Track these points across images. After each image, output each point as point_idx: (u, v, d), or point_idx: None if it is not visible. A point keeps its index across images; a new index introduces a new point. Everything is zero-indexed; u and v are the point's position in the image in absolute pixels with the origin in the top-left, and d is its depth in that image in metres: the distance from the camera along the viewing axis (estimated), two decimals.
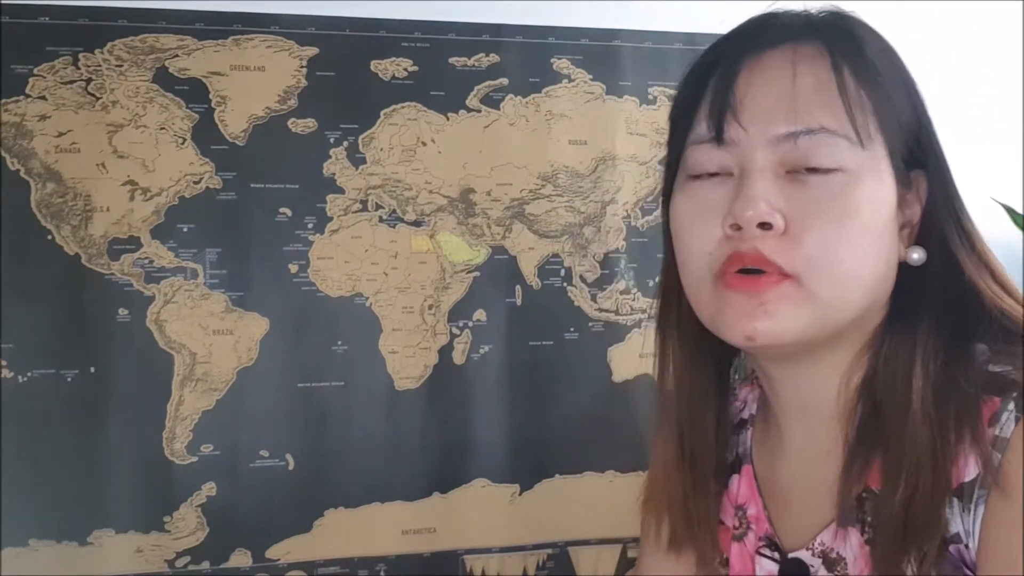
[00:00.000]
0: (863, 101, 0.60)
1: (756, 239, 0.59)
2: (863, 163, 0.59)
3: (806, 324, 0.59)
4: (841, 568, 0.64)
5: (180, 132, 1.19)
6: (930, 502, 0.57)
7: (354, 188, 1.23)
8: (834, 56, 0.60)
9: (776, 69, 0.61)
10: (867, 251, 0.59)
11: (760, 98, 0.60)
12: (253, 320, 1.20)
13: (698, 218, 0.63)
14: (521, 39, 1.28)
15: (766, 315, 0.59)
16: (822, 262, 0.58)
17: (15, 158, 1.15)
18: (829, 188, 0.59)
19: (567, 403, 1.28)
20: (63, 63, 1.16)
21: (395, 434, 1.23)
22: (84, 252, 1.16)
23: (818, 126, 0.59)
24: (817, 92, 0.59)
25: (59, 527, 1.14)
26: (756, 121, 0.60)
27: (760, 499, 0.72)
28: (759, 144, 0.60)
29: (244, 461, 1.19)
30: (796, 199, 0.59)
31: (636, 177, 1.31)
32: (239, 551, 1.19)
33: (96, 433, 1.15)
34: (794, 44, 0.61)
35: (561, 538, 1.28)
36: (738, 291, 0.60)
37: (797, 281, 0.58)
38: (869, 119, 0.60)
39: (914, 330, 0.61)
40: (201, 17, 1.20)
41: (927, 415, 0.58)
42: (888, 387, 0.61)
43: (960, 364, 0.59)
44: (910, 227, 0.63)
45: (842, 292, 0.59)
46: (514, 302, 1.27)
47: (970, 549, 0.57)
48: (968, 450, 0.57)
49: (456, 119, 1.26)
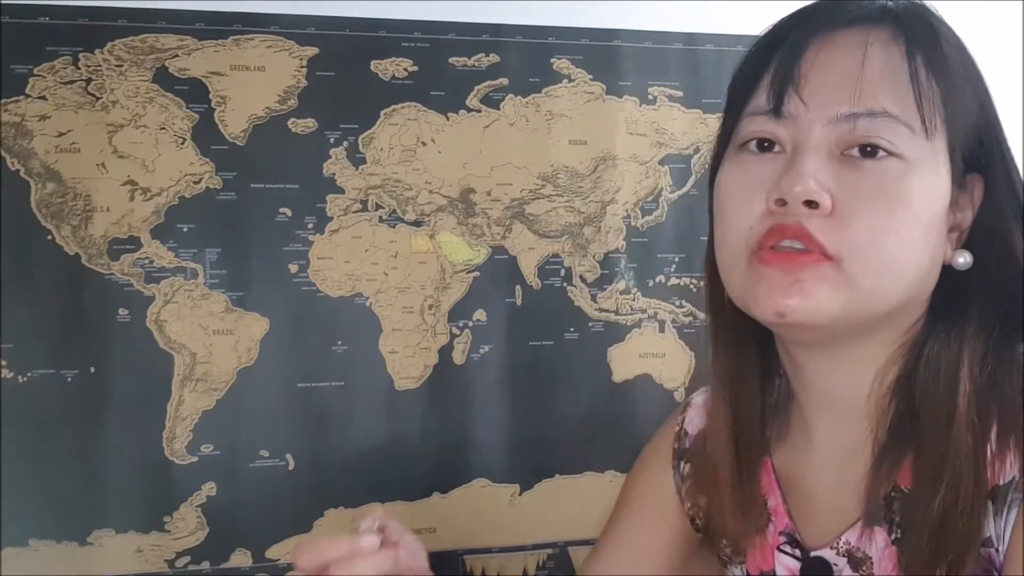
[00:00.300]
0: (933, 91, 0.58)
1: (801, 216, 0.57)
2: (923, 154, 0.58)
3: (840, 309, 0.58)
4: (867, 568, 0.63)
5: (180, 132, 1.19)
6: (970, 509, 0.56)
7: (354, 188, 1.23)
8: (909, 43, 0.59)
9: (846, 49, 0.59)
10: (914, 244, 0.58)
11: (826, 75, 0.59)
12: (253, 320, 1.20)
13: (743, 191, 0.61)
14: (521, 39, 1.28)
15: (800, 293, 0.57)
16: (867, 248, 0.57)
17: (15, 158, 1.15)
18: (883, 174, 0.57)
19: (567, 403, 1.28)
20: (63, 63, 1.16)
21: (395, 434, 1.23)
22: (84, 252, 1.16)
23: (881, 110, 0.58)
24: (886, 76, 0.58)
25: (59, 527, 1.14)
26: (817, 97, 0.59)
27: (779, 492, 0.71)
28: (817, 121, 0.59)
29: (244, 461, 1.19)
30: (848, 182, 0.58)
31: (636, 177, 1.31)
32: (239, 551, 1.19)
33: (96, 433, 1.15)
34: (868, 27, 0.60)
35: (561, 538, 1.28)
36: (774, 266, 0.58)
37: (838, 264, 0.57)
38: (936, 111, 0.58)
39: (961, 332, 0.60)
40: (201, 17, 1.19)
41: (971, 420, 0.57)
42: (930, 389, 0.60)
43: (1005, 367, 0.58)
44: (959, 231, 0.62)
45: (883, 282, 0.58)
46: (514, 302, 1.27)
47: (999, 553, 0.56)
48: (1005, 453, 0.56)
49: (456, 119, 1.26)
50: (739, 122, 0.64)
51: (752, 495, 0.71)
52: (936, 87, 0.59)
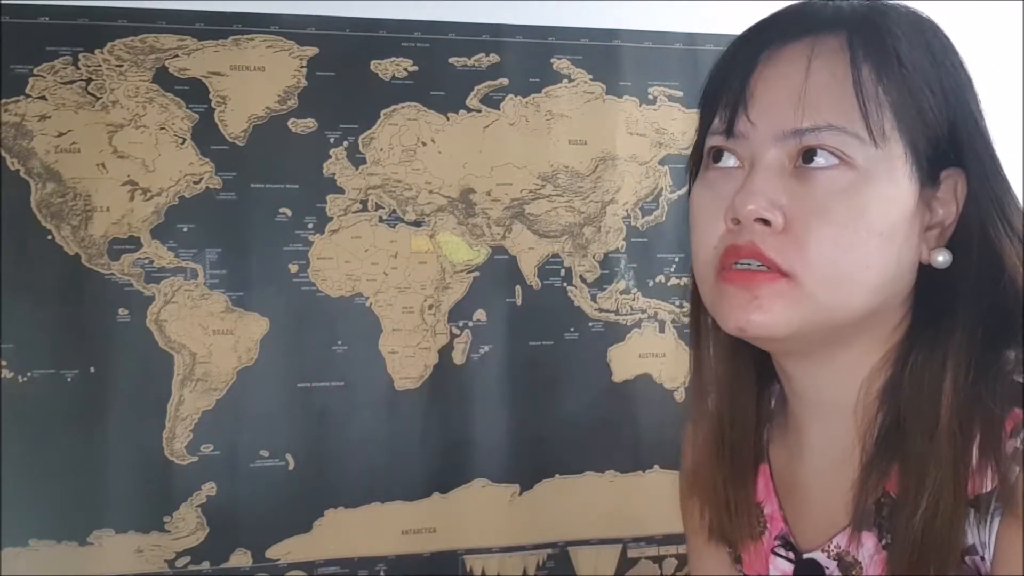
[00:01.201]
0: (880, 98, 0.58)
1: (755, 234, 0.58)
2: (875, 162, 0.57)
3: (799, 323, 0.58)
4: (857, 572, 0.63)
5: (180, 132, 1.19)
6: (950, 520, 0.56)
7: (354, 188, 1.23)
8: (854, 50, 0.58)
9: (791, 64, 0.59)
10: (871, 253, 0.58)
11: (772, 92, 0.59)
12: (253, 320, 1.20)
13: (708, 209, 0.62)
14: (521, 39, 1.28)
15: (759, 309, 0.58)
16: (821, 263, 0.57)
17: (15, 158, 1.15)
18: (834, 187, 0.57)
19: (567, 403, 1.28)
20: (63, 63, 1.16)
21: (395, 434, 1.23)
22: (84, 252, 1.16)
23: (825, 124, 0.57)
24: (830, 88, 0.58)
25: (59, 527, 1.14)
26: (765, 115, 0.59)
27: (776, 498, 0.71)
28: (766, 139, 0.59)
29: (244, 461, 1.19)
30: (800, 196, 0.58)
31: (636, 177, 1.31)
32: (239, 551, 1.19)
33: (96, 433, 1.15)
34: (815, 37, 0.60)
35: (561, 538, 1.28)
36: (734, 284, 0.59)
37: (794, 280, 0.58)
38: (886, 117, 0.58)
39: (946, 341, 0.59)
40: (201, 17, 1.20)
41: (952, 433, 0.57)
42: (914, 400, 0.60)
43: (988, 378, 0.58)
44: (940, 228, 0.61)
45: (840, 294, 0.58)
46: (514, 302, 1.27)
47: (985, 561, 0.56)
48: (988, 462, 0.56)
49: (456, 119, 1.26)
50: (705, 140, 0.65)
51: (746, 503, 0.72)
52: (886, 92, 0.58)
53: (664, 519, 1.25)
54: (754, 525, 0.72)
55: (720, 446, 0.71)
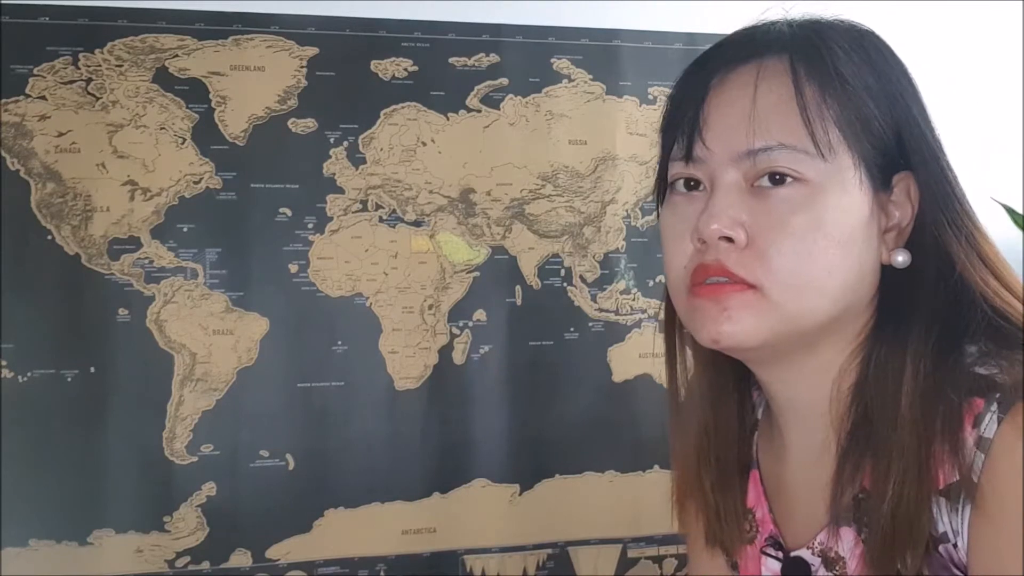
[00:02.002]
0: (825, 114, 0.61)
1: (720, 252, 0.62)
2: (826, 175, 0.60)
3: (768, 331, 0.61)
4: (840, 567, 0.65)
5: (180, 132, 1.19)
6: (915, 508, 0.58)
7: (354, 188, 1.23)
8: (796, 71, 0.61)
9: (740, 88, 0.62)
10: (831, 262, 0.61)
11: (724, 117, 0.63)
12: (253, 320, 1.20)
13: (676, 232, 0.66)
14: (521, 39, 1.28)
15: (729, 320, 0.61)
16: (784, 275, 0.60)
17: (15, 158, 1.15)
18: (791, 202, 0.60)
19: (567, 403, 1.28)
20: (63, 63, 1.16)
21: (395, 434, 1.23)
22: (84, 252, 1.16)
23: (776, 143, 0.60)
24: (776, 109, 0.61)
25: (59, 527, 1.14)
26: (720, 139, 0.63)
27: (766, 501, 0.74)
28: (723, 161, 0.62)
29: (244, 461, 1.19)
30: (760, 213, 0.61)
31: (636, 177, 1.31)
32: (239, 551, 1.19)
33: (96, 433, 1.15)
34: (759, 61, 0.63)
35: (561, 538, 1.28)
36: (705, 298, 0.63)
37: (761, 291, 0.61)
38: (831, 131, 0.60)
39: (906, 336, 0.62)
40: (201, 17, 1.20)
41: (915, 422, 0.59)
42: (878, 394, 0.62)
43: (947, 369, 0.60)
44: (898, 229, 0.64)
45: (805, 302, 0.61)
46: (514, 302, 1.27)
47: (958, 548, 0.58)
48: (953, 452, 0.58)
49: (456, 119, 1.26)
50: (668, 166, 0.68)
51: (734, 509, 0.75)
52: (829, 108, 0.61)
53: (664, 519, 1.24)
54: (744, 531, 0.74)
55: (706, 454, 0.74)
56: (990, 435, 0.56)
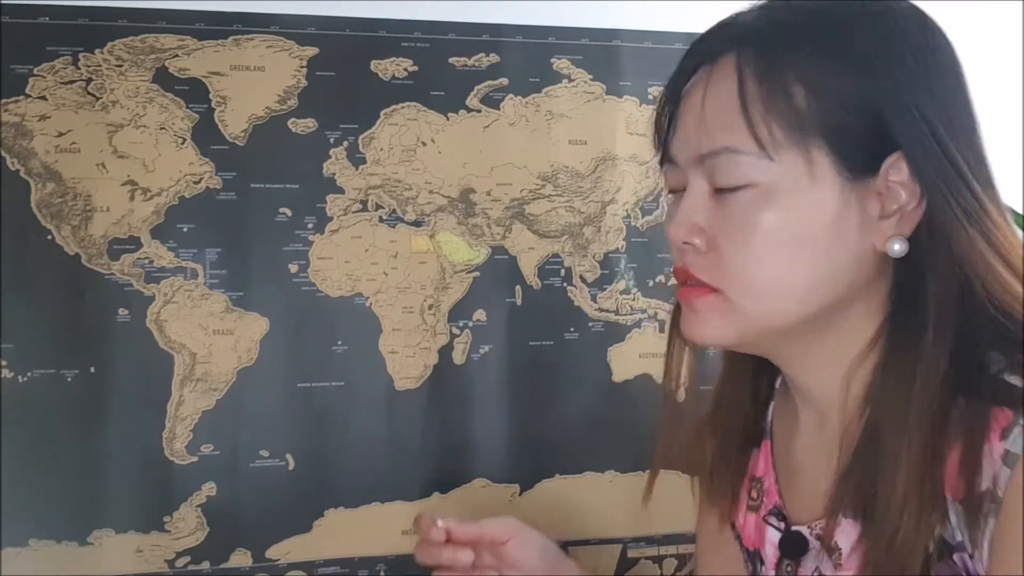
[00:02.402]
0: (771, 110, 0.58)
1: (686, 257, 0.63)
2: (776, 174, 0.59)
3: (736, 332, 0.62)
4: (836, 557, 0.65)
5: (180, 132, 1.19)
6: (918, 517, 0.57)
7: (354, 188, 1.23)
8: (741, 69, 0.60)
9: (696, 92, 0.63)
10: (790, 261, 0.59)
11: (685, 122, 0.64)
12: (253, 320, 1.20)
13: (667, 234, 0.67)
14: (521, 39, 1.28)
15: (699, 322, 0.63)
16: (742, 278, 0.60)
17: (15, 158, 1.15)
18: (739, 206, 0.60)
19: (567, 403, 1.28)
20: (63, 63, 1.16)
21: (395, 434, 1.23)
22: (84, 252, 1.16)
23: (721, 147, 0.60)
24: (724, 111, 0.60)
25: (59, 527, 1.14)
26: (680, 146, 0.64)
27: (773, 473, 0.74)
28: (687, 166, 0.63)
29: (244, 461, 1.19)
30: (718, 217, 0.61)
31: (636, 177, 1.31)
32: (239, 551, 1.19)
33: (96, 433, 1.15)
34: (714, 61, 0.62)
35: (561, 538, 1.27)
36: (682, 300, 0.65)
37: (723, 295, 0.61)
38: (775, 130, 0.58)
39: (917, 335, 0.58)
40: (201, 17, 1.19)
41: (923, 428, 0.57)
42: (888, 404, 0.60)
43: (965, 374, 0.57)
44: (901, 214, 0.59)
45: (768, 305, 0.61)
46: (514, 302, 1.27)
47: (975, 560, 0.56)
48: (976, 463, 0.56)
49: (456, 119, 1.26)
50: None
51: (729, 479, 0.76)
52: (775, 103, 0.58)
53: (664, 519, 1.25)
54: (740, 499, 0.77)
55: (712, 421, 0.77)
56: (1018, 450, 0.53)
